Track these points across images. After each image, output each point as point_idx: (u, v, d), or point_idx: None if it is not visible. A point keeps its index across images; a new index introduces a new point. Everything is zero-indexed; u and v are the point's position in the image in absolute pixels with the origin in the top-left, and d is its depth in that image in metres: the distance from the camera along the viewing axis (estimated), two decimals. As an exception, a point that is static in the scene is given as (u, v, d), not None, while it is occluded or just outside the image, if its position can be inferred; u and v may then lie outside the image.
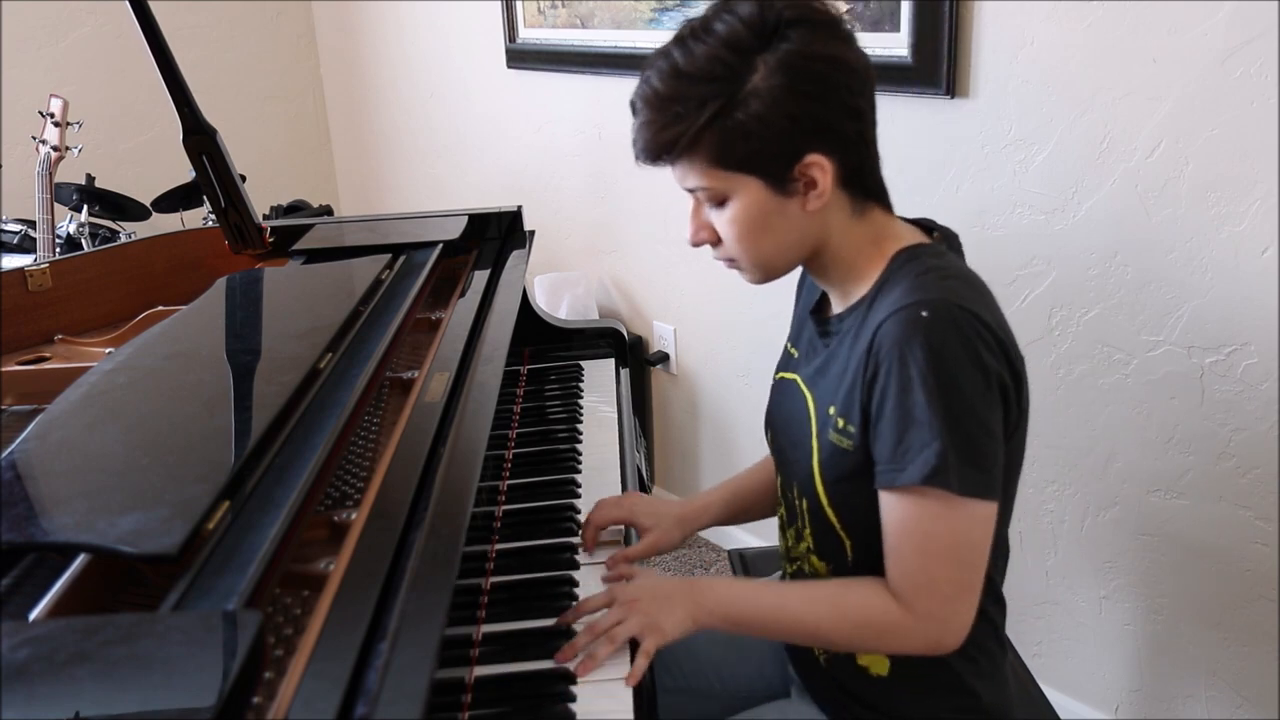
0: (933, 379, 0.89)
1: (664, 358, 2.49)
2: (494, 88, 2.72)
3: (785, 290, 1.19)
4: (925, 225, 1.06)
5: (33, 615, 0.73)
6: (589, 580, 1.12)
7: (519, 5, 2.51)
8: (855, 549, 1.02)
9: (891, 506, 0.95)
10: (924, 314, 0.90)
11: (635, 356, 2.44)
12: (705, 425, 2.47)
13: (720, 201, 0.97)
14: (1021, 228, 1.65)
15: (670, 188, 2.53)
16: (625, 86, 2.58)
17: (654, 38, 2.15)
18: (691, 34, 0.93)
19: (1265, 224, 1.38)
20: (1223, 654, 1.59)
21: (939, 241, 1.04)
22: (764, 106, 0.90)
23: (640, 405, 2.51)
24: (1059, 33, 1.53)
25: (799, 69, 0.90)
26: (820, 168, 0.93)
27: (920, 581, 0.94)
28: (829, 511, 1.02)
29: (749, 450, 2.35)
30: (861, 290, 1.00)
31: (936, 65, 1.66)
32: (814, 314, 1.10)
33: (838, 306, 1.05)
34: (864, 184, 0.98)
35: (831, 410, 1.00)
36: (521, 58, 2.57)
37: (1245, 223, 1.40)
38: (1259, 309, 1.42)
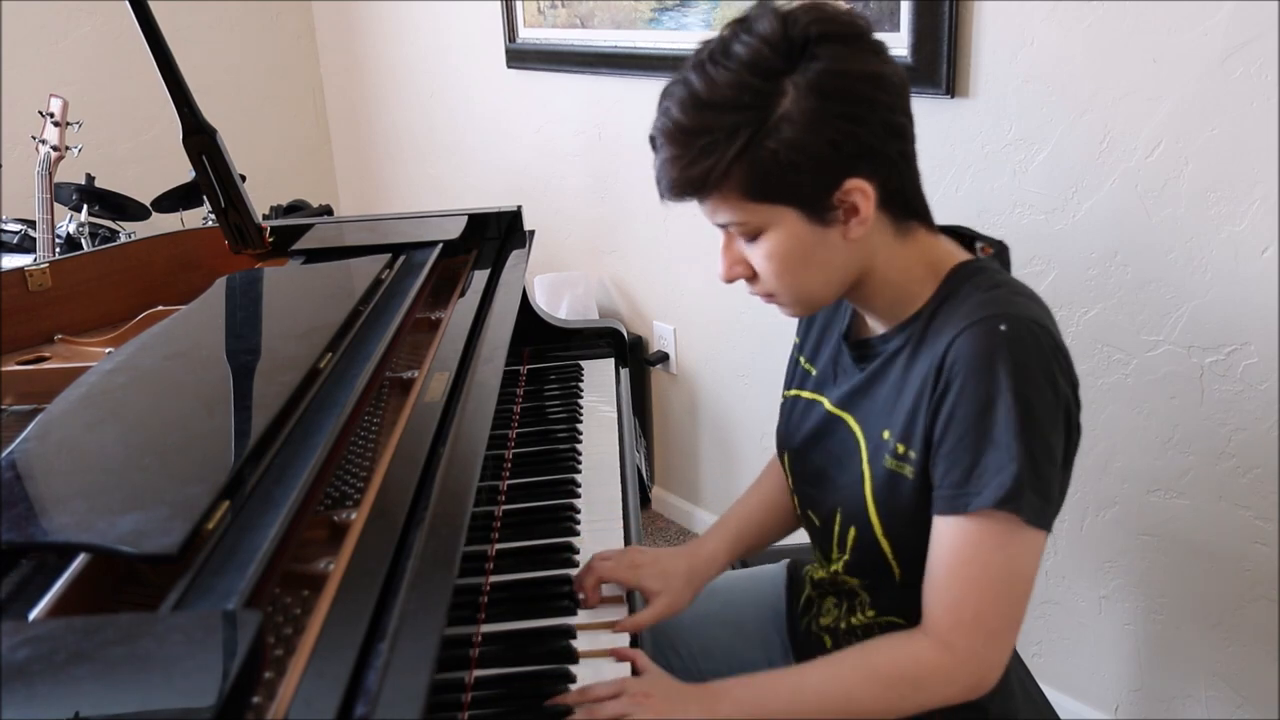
0: (1013, 397, 0.85)
1: (664, 358, 2.49)
2: (494, 88, 2.72)
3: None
4: (965, 234, 1.03)
5: (33, 615, 0.73)
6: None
7: (519, 5, 2.51)
8: (904, 573, 0.99)
9: (949, 533, 0.90)
10: (1003, 328, 0.86)
11: (635, 356, 2.44)
12: (705, 425, 2.47)
13: (754, 235, 0.91)
14: (1021, 228, 1.65)
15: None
16: (625, 86, 2.58)
17: (654, 38, 2.15)
18: (710, 58, 0.86)
19: (1265, 224, 1.38)
20: (1223, 654, 1.59)
21: (986, 253, 1.00)
22: (798, 132, 0.84)
23: (640, 405, 2.51)
24: (1059, 33, 1.53)
25: (835, 90, 0.84)
26: (862, 192, 0.88)
27: (966, 616, 0.90)
28: (883, 541, 0.99)
29: (749, 451, 2.35)
30: (910, 309, 0.96)
31: (936, 65, 1.66)
32: (846, 337, 1.05)
33: (878, 327, 1.01)
34: (906, 202, 0.93)
35: (886, 435, 0.96)
36: (521, 58, 2.57)
37: (1245, 223, 1.40)
38: (1259, 309, 1.42)
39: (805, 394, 1.10)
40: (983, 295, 0.91)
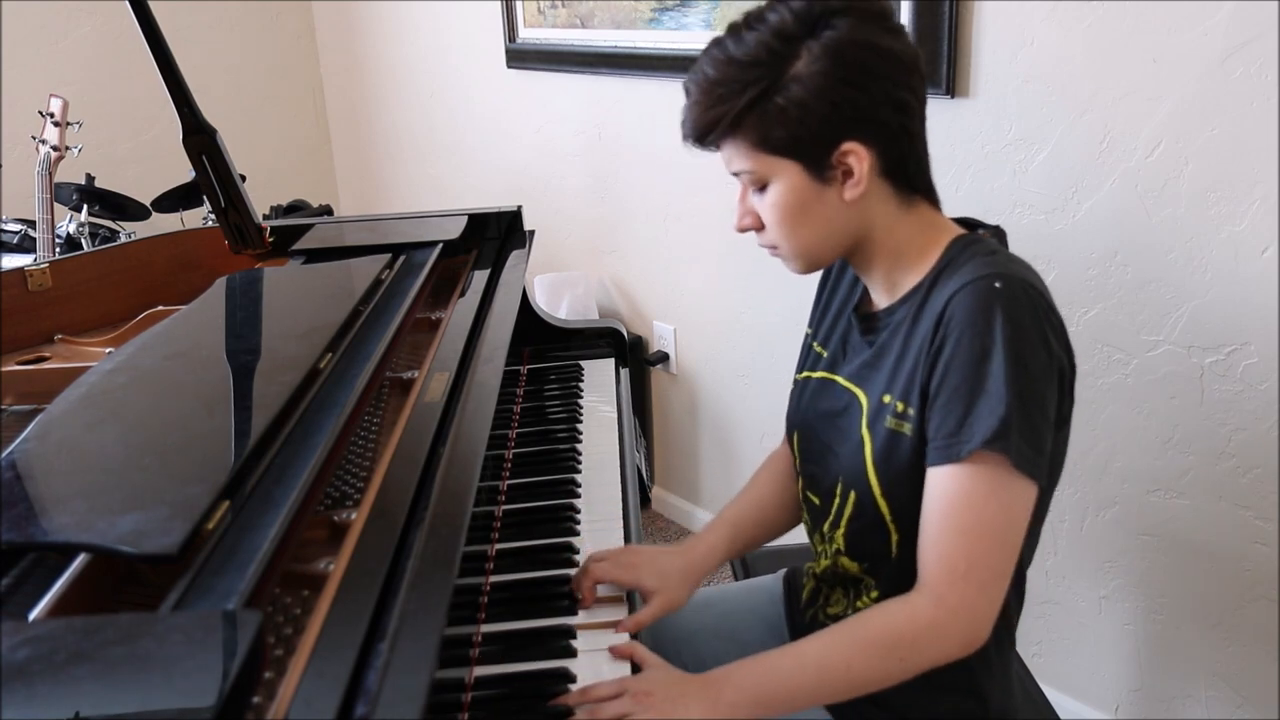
0: (1006, 349, 0.89)
1: (664, 358, 2.49)
2: (494, 88, 2.72)
3: (786, 290, 1.18)
4: (970, 224, 1.07)
5: (33, 615, 0.73)
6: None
7: (519, 5, 2.51)
8: (901, 541, 1.01)
9: (942, 482, 0.93)
10: (998, 285, 0.91)
11: (635, 356, 2.44)
12: (705, 425, 2.47)
13: (762, 186, 0.99)
14: (1021, 228, 1.65)
15: (670, 189, 2.53)
16: (625, 86, 2.58)
17: (654, 38, 2.15)
18: (745, 23, 0.96)
19: (1265, 224, 1.38)
20: (1223, 654, 1.59)
21: (988, 237, 1.05)
22: (804, 91, 0.92)
23: (640, 405, 2.51)
24: (1059, 33, 1.53)
25: (842, 56, 0.92)
26: (857, 156, 0.94)
27: (959, 565, 0.92)
28: (881, 502, 1.01)
29: (749, 450, 2.35)
30: (912, 280, 1.01)
31: (936, 65, 1.66)
32: (856, 311, 1.10)
33: (884, 300, 1.05)
34: (908, 177, 0.99)
35: (887, 399, 1.00)
36: (521, 58, 2.57)
37: (1245, 223, 1.40)
38: (1259, 309, 1.42)
39: (816, 374, 1.13)
40: (981, 260, 0.96)
